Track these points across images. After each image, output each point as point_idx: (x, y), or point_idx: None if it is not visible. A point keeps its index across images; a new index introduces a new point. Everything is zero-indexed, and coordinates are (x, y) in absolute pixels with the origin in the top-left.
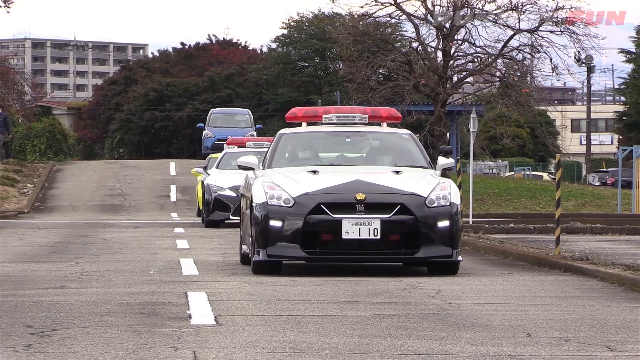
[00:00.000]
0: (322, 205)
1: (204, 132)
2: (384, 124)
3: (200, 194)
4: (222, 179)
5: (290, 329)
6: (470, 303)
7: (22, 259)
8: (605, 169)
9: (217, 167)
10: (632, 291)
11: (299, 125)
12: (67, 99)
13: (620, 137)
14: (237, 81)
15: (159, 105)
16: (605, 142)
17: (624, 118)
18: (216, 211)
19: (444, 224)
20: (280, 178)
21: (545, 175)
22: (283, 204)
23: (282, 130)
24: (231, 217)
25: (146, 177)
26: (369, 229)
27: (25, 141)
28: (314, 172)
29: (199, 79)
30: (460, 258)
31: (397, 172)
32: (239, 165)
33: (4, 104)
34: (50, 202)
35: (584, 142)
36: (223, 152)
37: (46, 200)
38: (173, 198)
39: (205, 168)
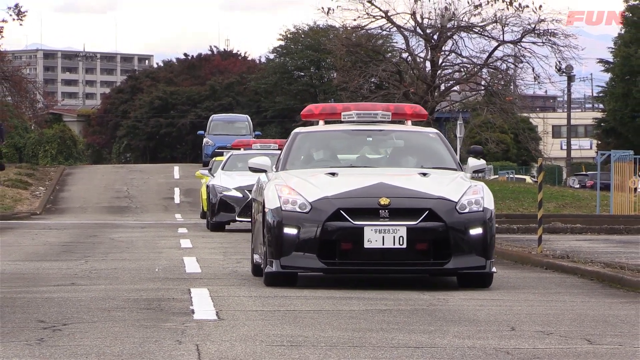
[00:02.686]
0: (341, 211)
1: (204, 140)
2: (409, 122)
3: (204, 196)
4: (227, 180)
5: (287, 323)
6: (457, 299)
7: (34, 258)
8: (584, 173)
9: (222, 169)
10: (611, 287)
11: (316, 123)
12: (77, 107)
13: (599, 142)
14: (237, 90)
15: (163, 112)
16: (585, 147)
17: (602, 124)
18: (221, 212)
19: (476, 231)
20: (296, 181)
21: (527, 178)
22: (298, 210)
23: (298, 129)
24: (237, 219)
25: (151, 181)
26: (394, 237)
27: (37, 146)
28: (333, 174)
29: (201, 87)
30: (494, 269)
31: (424, 174)
32: (250, 167)
33: (18, 111)
34: (61, 204)
35: (565, 147)
36: (229, 154)
37: (57, 202)
38: (177, 200)
39: (210, 170)
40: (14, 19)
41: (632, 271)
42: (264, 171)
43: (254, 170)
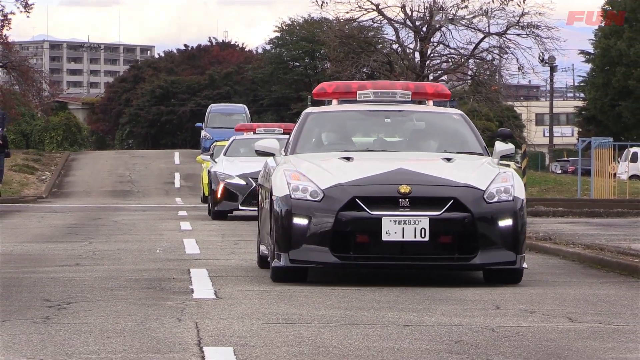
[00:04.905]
0: (357, 200)
1: (202, 133)
2: (430, 102)
3: (205, 180)
4: (230, 167)
5: (282, 302)
6: (444, 279)
7: (40, 240)
8: (566, 158)
9: (225, 155)
10: (591, 268)
11: (329, 103)
12: (82, 95)
13: (580, 129)
14: (235, 79)
15: (164, 100)
16: (566, 134)
17: (583, 112)
18: (224, 201)
19: (506, 223)
20: (307, 166)
21: (512, 164)
22: (310, 198)
23: (309, 109)
24: (240, 208)
25: (153, 166)
26: (415, 228)
27: (43, 133)
28: (347, 159)
29: (200, 77)
30: (525, 265)
31: (448, 159)
32: (256, 150)
33: (25, 99)
34: (66, 188)
35: (547, 134)
36: (231, 139)
37: (62, 186)
38: (177, 184)
39: (211, 156)
40: (21, 11)
41: (612, 252)
42: (272, 155)
43: (261, 153)
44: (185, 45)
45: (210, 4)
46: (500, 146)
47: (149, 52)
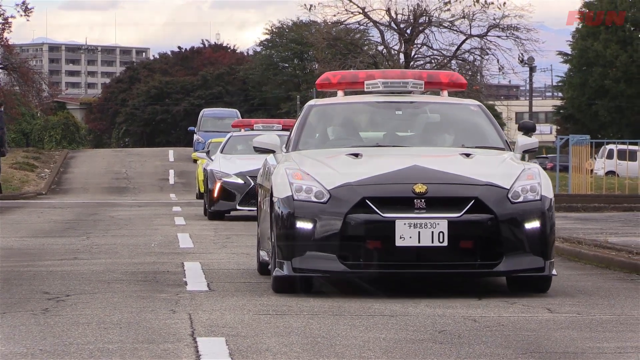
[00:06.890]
0: (367, 201)
1: (195, 137)
2: (444, 93)
3: (201, 177)
4: (227, 165)
5: (272, 294)
6: (428, 272)
7: (39, 234)
8: (545, 155)
9: (221, 152)
10: (569, 261)
11: (334, 94)
12: (80, 96)
13: (558, 127)
14: (227, 80)
15: (159, 100)
16: (545, 132)
17: (561, 111)
18: (221, 200)
19: (533, 225)
20: (311, 164)
21: None
22: (314, 199)
23: (312, 101)
24: (238, 207)
25: (148, 163)
26: (432, 232)
27: (43, 132)
28: (356, 155)
29: (193, 78)
30: (554, 272)
31: (467, 154)
32: (255, 147)
33: (25, 100)
34: (65, 185)
35: None
36: (228, 135)
37: (61, 183)
38: (171, 181)
39: (207, 153)
40: (21, 15)
41: (589, 246)
42: (272, 152)
43: (260, 150)
44: (179, 47)
45: (203, 7)
46: (523, 140)
47: (144, 53)
